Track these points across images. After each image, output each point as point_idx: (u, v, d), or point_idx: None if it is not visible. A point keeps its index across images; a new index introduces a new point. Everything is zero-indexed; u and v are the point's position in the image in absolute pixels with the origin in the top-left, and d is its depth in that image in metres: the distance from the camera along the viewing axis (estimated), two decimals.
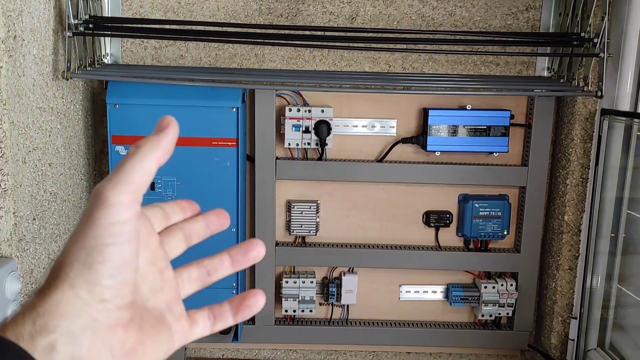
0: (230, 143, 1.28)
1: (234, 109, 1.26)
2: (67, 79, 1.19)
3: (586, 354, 1.34)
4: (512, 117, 1.37)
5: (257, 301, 0.41)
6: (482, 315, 1.44)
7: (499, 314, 1.44)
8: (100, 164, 1.43)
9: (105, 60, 1.37)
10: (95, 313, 0.33)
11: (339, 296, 1.44)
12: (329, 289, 1.44)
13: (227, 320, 0.40)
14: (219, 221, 0.43)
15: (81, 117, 1.32)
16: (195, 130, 1.27)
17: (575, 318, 1.38)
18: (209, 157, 1.28)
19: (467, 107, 1.37)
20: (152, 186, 1.28)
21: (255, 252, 0.42)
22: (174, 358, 1.30)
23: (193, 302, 0.41)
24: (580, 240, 1.36)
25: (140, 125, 1.26)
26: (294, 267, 1.46)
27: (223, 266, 0.41)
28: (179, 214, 0.42)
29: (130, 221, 0.34)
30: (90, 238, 0.33)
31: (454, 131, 1.36)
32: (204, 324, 0.40)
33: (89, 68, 1.28)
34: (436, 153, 1.38)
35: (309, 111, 1.35)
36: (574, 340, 1.38)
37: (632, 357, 1.24)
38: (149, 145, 0.36)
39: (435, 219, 1.44)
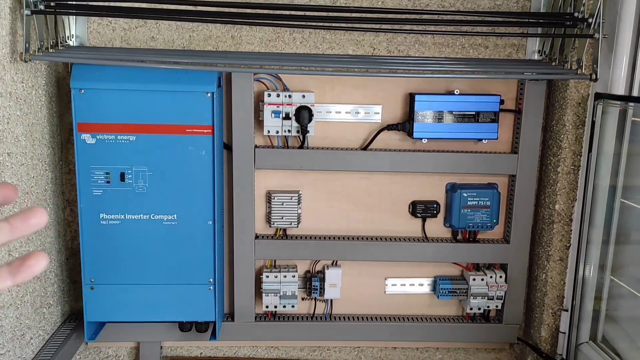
0: (205, 130, 1.20)
1: (209, 94, 1.18)
2: (26, 61, 1.09)
3: (578, 347, 1.30)
4: (501, 102, 1.31)
5: (38, 261, 0.40)
6: (471, 309, 1.39)
7: (488, 306, 1.39)
8: (67, 154, 1.34)
9: (70, 43, 1.27)
10: None
11: (322, 290, 1.38)
12: (312, 283, 1.37)
13: (5, 282, 0.39)
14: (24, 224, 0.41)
15: (44, 104, 1.23)
16: (168, 117, 1.19)
17: (567, 310, 1.33)
18: (182, 145, 1.20)
19: (455, 92, 1.31)
20: (122, 177, 1.20)
21: (37, 219, 0.40)
22: (148, 357, 1.22)
23: (170, 299, 0.36)
24: (571, 230, 1.31)
25: (107, 111, 1.18)
26: (275, 261, 1.39)
27: (1, 232, 0.40)
28: None
29: None
30: None
31: (441, 117, 1.30)
32: None
33: (51, 50, 1.18)
34: (423, 140, 1.32)
35: (290, 96, 1.27)
36: (565, 333, 1.33)
37: (626, 350, 1.20)
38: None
39: (422, 209, 1.38)
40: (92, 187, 1.20)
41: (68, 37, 1.27)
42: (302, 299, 1.42)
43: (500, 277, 1.38)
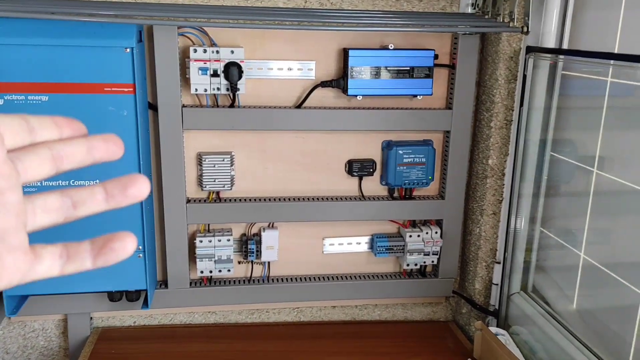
0: (126, 89, 1.12)
1: (128, 49, 1.10)
2: None
3: (509, 297, 1.34)
4: (435, 57, 1.29)
5: (125, 246, 0.34)
6: (407, 265, 1.40)
7: (424, 262, 1.41)
8: None
9: None
10: None
11: (258, 253, 1.35)
12: (248, 246, 1.34)
13: (85, 262, 0.34)
14: (106, 147, 0.35)
15: None
16: (84, 75, 1.10)
17: (499, 263, 1.36)
18: (101, 105, 1.11)
19: (390, 47, 1.27)
20: None
21: (137, 189, 0.35)
22: (77, 328, 1.15)
23: (98, 268, 0.34)
24: (504, 184, 1.33)
25: (15, 69, 1.07)
26: (209, 225, 1.34)
27: (94, 200, 0.34)
28: (52, 131, 0.34)
29: None
30: None
31: (376, 73, 1.27)
32: (51, 263, 0.34)
33: None
34: (358, 97, 1.28)
35: (217, 52, 1.20)
36: (497, 284, 1.37)
37: (554, 298, 1.24)
38: None
39: (358, 168, 1.36)
40: None
41: None
42: (239, 262, 1.38)
43: (436, 232, 1.39)
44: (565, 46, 1.15)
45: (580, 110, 1.16)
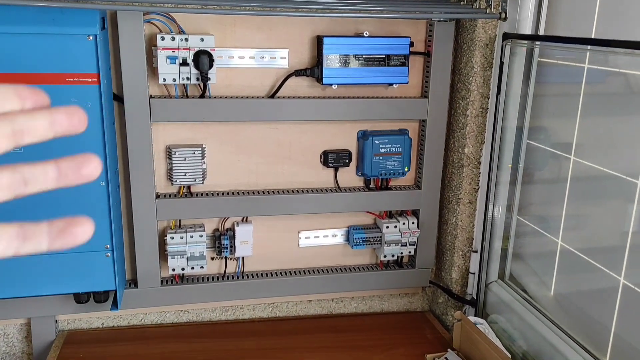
0: (89, 79, 1.05)
1: (91, 37, 1.03)
2: None
3: (487, 286, 1.33)
4: (411, 44, 1.27)
5: (84, 231, 0.33)
6: (385, 256, 1.38)
7: (401, 253, 1.39)
8: None
9: None
10: None
11: (232, 249, 1.31)
12: (221, 241, 1.29)
13: (41, 244, 0.33)
14: (69, 121, 0.33)
15: None
16: (44, 65, 1.03)
17: (476, 251, 1.36)
18: (63, 96, 1.04)
19: (365, 34, 1.24)
20: None
21: (90, 168, 0.33)
22: (42, 332, 1.08)
23: (63, 269, 0.29)
24: (480, 173, 1.33)
25: None
26: (180, 220, 1.29)
27: (46, 177, 0.33)
28: (14, 103, 0.32)
29: None
30: None
31: (351, 61, 1.23)
32: (7, 243, 0.32)
33: None
34: (333, 86, 1.25)
35: (186, 40, 1.15)
36: (474, 273, 1.36)
37: (531, 284, 1.25)
38: None
39: (333, 159, 1.33)
40: None
41: None
42: (212, 258, 1.34)
43: (413, 223, 1.37)
44: (541, 33, 1.14)
45: (556, 98, 1.16)
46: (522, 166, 1.25)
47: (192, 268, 1.27)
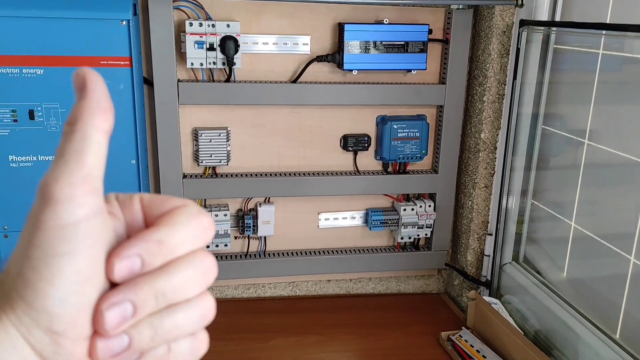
0: (122, 62, 1.11)
1: (124, 22, 1.09)
2: None
3: (502, 268, 1.37)
4: (430, 32, 1.30)
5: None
6: (402, 238, 1.42)
7: (418, 235, 1.43)
8: None
9: None
10: (39, 348, 0.25)
11: (255, 228, 1.36)
12: (245, 221, 1.35)
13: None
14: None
15: None
16: (79, 48, 1.09)
17: (491, 234, 1.39)
18: None
19: (385, 22, 1.28)
20: (31, 115, 1.09)
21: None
22: None
23: None
24: (496, 158, 1.36)
25: (9, 42, 1.06)
26: (205, 200, 1.34)
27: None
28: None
29: (87, 220, 0.26)
30: (36, 247, 0.25)
31: (371, 48, 1.27)
32: None
33: None
34: (353, 72, 1.29)
35: (213, 26, 1.20)
36: (489, 256, 1.40)
37: (545, 268, 1.28)
38: (85, 113, 0.26)
39: (353, 143, 1.37)
40: None
41: None
42: (235, 237, 1.39)
43: (430, 206, 1.41)
44: (557, 19, 1.17)
45: (572, 84, 1.19)
46: (538, 152, 1.28)
47: (217, 246, 1.33)
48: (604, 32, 1.03)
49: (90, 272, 0.26)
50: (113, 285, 0.27)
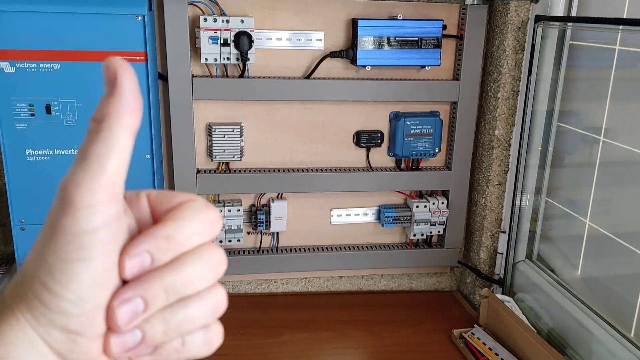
0: (137, 57, 1.12)
1: (140, 17, 1.10)
2: None
3: (515, 266, 1.36)
4: (444, 28, 1.30)
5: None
6: (414, 235, 1.42)
7: (431, 232, 1.43)
8: None
9: None
10: (56, 346, 0.26)
11: (267, 224, 1.36)
12: (257, 216, 1.35)
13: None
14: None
15: None
16: (95, 43, 1.10)
17: (504, 232, 1.39)
18: None
19: (398, 17, 1.28)
20: (48, 109, 1.11)
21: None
22: None
23: None
24: (510, 155, 1.35)
25: (27, 37, 1.07)
26: (218, 195, 1.35)
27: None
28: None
29: (106, 227, 0.26)
30: (53, 252, 0.25)
31: (385, 43, 1.27)
32: None
33: None
34: (367, 68, 1.29)
35: (227, 21, 1.20)
36: (502, 253, 1.39)
37: (559, 266, 1.27)
38: (112, 112, 0.26)
39: (366, 139, 1.37)
40: (14, 120, 1.10)
41: None
42: (248, 233, 1.40)
43: (442, 203, 1.41)
44: (573, 14, 1.16)
45: (588, 80, 1.18)
46: (552, 149, 1.27)
47: (230, 241, 1.33)
48: (620, 27, 1.02)
49: (106, 276, 0.26)
50: (124, 281, 0.27)
